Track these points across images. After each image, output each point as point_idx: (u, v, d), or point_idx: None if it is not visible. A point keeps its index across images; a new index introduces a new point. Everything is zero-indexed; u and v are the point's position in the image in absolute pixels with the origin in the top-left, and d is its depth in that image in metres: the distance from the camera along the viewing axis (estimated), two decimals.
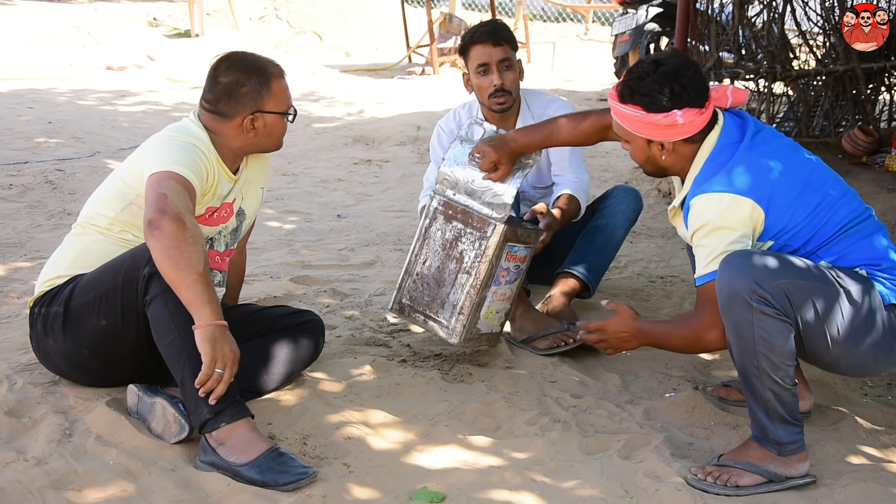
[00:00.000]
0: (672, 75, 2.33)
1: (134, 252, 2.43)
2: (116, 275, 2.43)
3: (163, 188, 2.35)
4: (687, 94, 2.33)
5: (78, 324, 2.49)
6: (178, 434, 2.38)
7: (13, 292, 3.49)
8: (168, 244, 2.25)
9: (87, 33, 10.46)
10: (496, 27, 3.34)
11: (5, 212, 4.62)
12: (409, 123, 7.42)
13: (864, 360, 2.33)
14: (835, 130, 6.04)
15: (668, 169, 2.48)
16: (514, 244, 2.81)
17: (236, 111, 2.59)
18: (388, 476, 2.31)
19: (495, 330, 2.96)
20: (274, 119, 2.62)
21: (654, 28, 8.42)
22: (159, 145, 2.54)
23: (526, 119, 3.39)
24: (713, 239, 2.33)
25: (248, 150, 2.69)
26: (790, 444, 2.30)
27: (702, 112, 2.36)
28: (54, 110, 7.42)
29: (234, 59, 2.63)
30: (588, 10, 14.54)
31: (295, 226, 4.74)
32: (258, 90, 2.58)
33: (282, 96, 2.63)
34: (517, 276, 2.91)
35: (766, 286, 2.19)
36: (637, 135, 2.42)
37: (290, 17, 12.83)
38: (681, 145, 2.41)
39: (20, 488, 2.15)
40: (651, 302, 3.66)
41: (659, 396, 2.82)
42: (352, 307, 3.51)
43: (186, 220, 2.30)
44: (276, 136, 2.67)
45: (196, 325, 2.25)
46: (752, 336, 2.22)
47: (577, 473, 2.34)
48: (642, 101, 2.35)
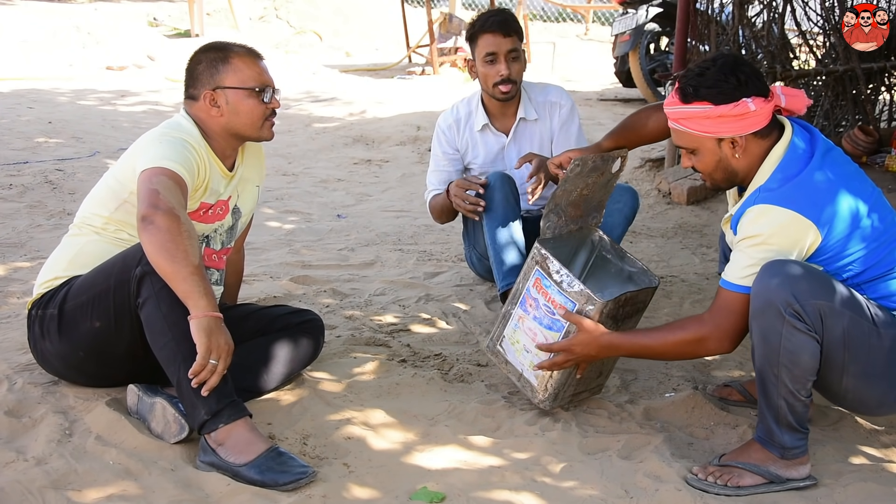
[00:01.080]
0: (733, 66, 2.26)
1: (125, 254, 2.43)
2: (108, 277, 2.42)
3: (154, 184, 2.35)
4: (752, 81, 2.26)
5: (72, 326, 2.49)
6: (178, 434, 2.38)
7: (13, 292, 3.49)
8: (162, 237, 2.24)
9: (87, 33, 10.46)
10: (506, 17, 3.36)
11: (5, 212, 4.62)
12: (409, 123, 7.42)
13: (870, 400, 2.32)
14: (835, 130, 6.04)
15: (738, 173, 2.34)
16: (546, 276, 2.52)
17: (199, 91, 2.59)
18: (388, 476, 2.31)
19: (526, 375, 2.62)
20: (237, 95, 2.58)
21: (654, 28, 8.43)
22: (150, 142, 2.54)
23: (526, 107, 3.44)
24: (760, 251, 2.24)
25: (228, 135, 2.63)
26: (794, 449, 2.30)
27: (768, 101, 2.27)
28: (54, 110, 7.42)
29: (201, 45, 2.67)
30: (588, 10, 14.54)
31: (295, 226, 4.74)
32: (214, 65, 2.58)
33: (244, 72, 2.59)
34: (550, 324, 2.53)
35: (803, 302, 2.15)
36: (706, 136, 2.29)
37: (290, 17, 12.84)
38: (752, 142, 2.30)
39: (20, 488, 2.15)
40: (651, 302, 3.65)
41: (659, 396, 2.82)
42: (352, 307, 3.51)
43: (180, 215, 2.30)
44: (244, 114, 2.60)
45: (192, 316, 2.24)
46: (779, 346, 2.19)
47: (577, 473, 2.34)
48: (709, 94, 2.25)
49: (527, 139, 3.48)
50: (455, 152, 3.54)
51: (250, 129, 2.64)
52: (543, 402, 2.58)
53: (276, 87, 2.67)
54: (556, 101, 3.47)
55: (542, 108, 3.47)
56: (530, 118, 3.45)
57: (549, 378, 2.55)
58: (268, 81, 2.64)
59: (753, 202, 2.27)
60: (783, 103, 2.31)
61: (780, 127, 2.34)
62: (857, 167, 2.39)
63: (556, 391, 2.57)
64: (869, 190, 2.34)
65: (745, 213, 2.29)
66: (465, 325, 3.37)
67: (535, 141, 3.47)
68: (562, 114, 3.47)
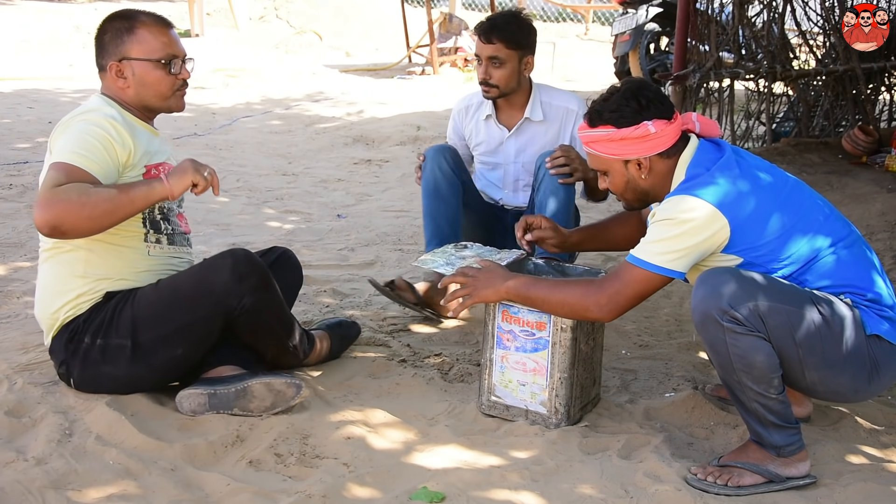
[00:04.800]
0: (635, 91, 2.37)
1: (208, 284, 2.47)
2: (193, 309, 2.47)
3: (46, 181, 2.34)
4: (653, 105, 2.35)
5: (151, 354, 2.52)
6: (296, 394, 2.54)
7: (13, 292, 3.48)
8: (70, 208, 2.26)
9: (87, 33, 10.47)
10: (493, 25, 3.40)
11: (5, 212, 4.62)
12: (409, 123, 7.43)
13: (842, 388, 2.32)
14: (835, 130, 6.05)
15: (649, 192, 2.44)
16: (510, 303, 2.54)
17: (106, 61, 2.56)
18: (388, 476, 2.31)
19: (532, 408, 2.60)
20: (143, 67, 2.54)
21: (654, 28, 8.44)
22: (57, 135, 2.49)
23: (534, 107, 3.48)
24: (666, 227, 2.29)
25: (140, 106, 2.59)
26: (788, 447, 2.30)
27: (671, 123, 2.36)
28: (55, 110, 7.42)
29: (111, 13, 2.63)
30: (588, 10, 14.54)
31: (295, 226, 4.74)
32: (119, 35, 2.54)
33: (150, 42, 2.54)
34: (535, 346, 2.55)
35: (738, 307, 2.17)
36: (612, 157, 2.39)
37: (290, 17, 12.84)
38: (657, 162, 2.39)
39: (20, 488, 2.15)
40: (650, 301, 3.66)
41: (659, 396, 2.82)
42: (352, 307, 3.51)
43: (61, 198, 2.26)
44: (150, 85, 2.56)
45: (170, 194, 2.40)
46: (728, 354, 2.21)
47: (577, 473, 2.34)
48: (611, 117, 2.35)
49: (528, 138, 3.50)
50: (461, 140, 3.66)
51: (158, 101, 2.61)
52: (559, 423, 2.56)
53: (189, 56, 2.62)
54: (571, 108, 3.49)
55: (553, 111, 3.49)
56: (535, 119, 3.48)
57: (556, 398, 2.55)
58: (176, 52, 2.59)
59: (670, 196, 2.35)
60: (697, 129, 2.42)
61: (687, 143, 2.42)
62: (769, 163, 2.46)
63: (567, 408, 2.56)
64: (783, 178, 2.41)
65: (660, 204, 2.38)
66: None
67: (536, 141, 3.50)
68: (577, 122, 3.47)
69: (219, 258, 2.55)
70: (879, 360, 2.28)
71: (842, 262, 2.32)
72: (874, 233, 4.39)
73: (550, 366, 2.53)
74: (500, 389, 2.62)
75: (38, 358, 2.83)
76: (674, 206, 2.29)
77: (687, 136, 2.43)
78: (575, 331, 2.50)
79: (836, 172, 5.29)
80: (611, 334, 3.19)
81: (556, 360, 2.52)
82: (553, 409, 2.56)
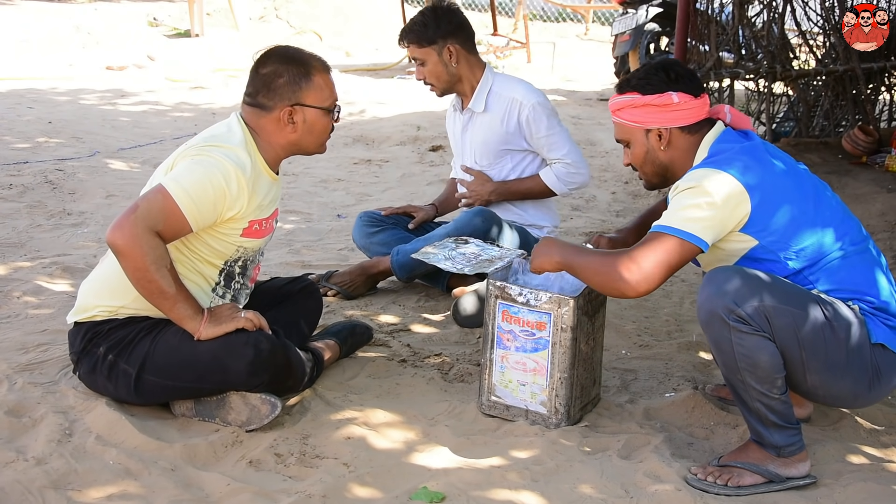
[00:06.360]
0: (667, 64, 2.43)
1: (223, 366, 2.47)
2: (204, 378, 2.49)
3: (142, 200, 2.37)
4: (681, 80, 2.39)
5: (149, 393, 2.54)
6: (271, 413, 2.49)
7: (13, 292, 3.48)
8: (136, 275, 2.36)
9: (87, 33, 10.46)
10: (403, 29, 3.52)
11: (5, 212, 4.62)
12: (409, 123, 7.42)
13: (842, 393, 2.31)
14: (835, 130, 6.04)
15: (668, 167, 2.45)
16: (510, 303, 2.55)
17: (274, 103, 2.52)
18: (388, 476, 2.31)
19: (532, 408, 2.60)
20: (314, 114, 2.55)
21: (654, 28, 8.43)
22: (184, 157, 2.48)
23: (477, 98, 3.51)
24: (690, 196, 2.25)
25: (291, 150, 2.60)
26: (788, 447, 2.30)
27: (696, 99, 2.38)
28: (54, 110, 7.41)
29: (276, 51, 2.58)
30: (588, 10, 14.54)
31: (295, 226, 4.74)
32: (297, 81, 2.52)
33: (324, 91, 2.56)
34: (535, 346, 2.55)
35: (744, 306, 2.17)
36: (634, 125, 2.42)
37: (290, 17, 12.83)
38: (678, 136, 2.41)
39: (20, 488, 2.15)
40: (650, 301, 3.66)
41: (659, 396, 2.82)
42: (352, 307, 3.51)
43: (143, 243, 2.31)
44: (317, 132, 2.58)
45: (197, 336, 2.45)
46: (733, 353, 2.21)
47: (577, 473, 2.34)
48: (638, 84, 2.41)
49: (473, 129, 3.58)
50: (451, 136, 3.76)
51: (317, 146, 2.64)
52: (559, 423, 2.56)
53: None
54: (517, 98, 3.44)
55: (497, 101, 3.48)
56: (476, 110, 3.52)
57: (556, 398, 2.55)
58: (337, 99, 2.63)
59: (692, 170, 2.35)
60: (728, 119, 2.44)
61: (712, 126, 2.44)
62: (794, 160, 2.46)
63: (567, 408, 2.56)
64: (808, 174, 2.42)
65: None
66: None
67: (478, 132, 3.55)
68: (523, 112, 3.45)
69: (242, 346, 2.47)
70: (882, 369, 2.28)
71: (852, 266, 2.32)
72: (874, 233, 4.39)
73: (550, 366, 2.54)
74: (501, 389, 2.62)
75: (38, 358, 2.83)
76: (697, 176, 2.28)
77: (713, 122, 2.44)
78: (575, 331, 2.51)
79: (836, 172, 5.29)
80: (611, 334, 3.19)
81: (557, 360, 2.53)
82: (553, 409, 2.56)
